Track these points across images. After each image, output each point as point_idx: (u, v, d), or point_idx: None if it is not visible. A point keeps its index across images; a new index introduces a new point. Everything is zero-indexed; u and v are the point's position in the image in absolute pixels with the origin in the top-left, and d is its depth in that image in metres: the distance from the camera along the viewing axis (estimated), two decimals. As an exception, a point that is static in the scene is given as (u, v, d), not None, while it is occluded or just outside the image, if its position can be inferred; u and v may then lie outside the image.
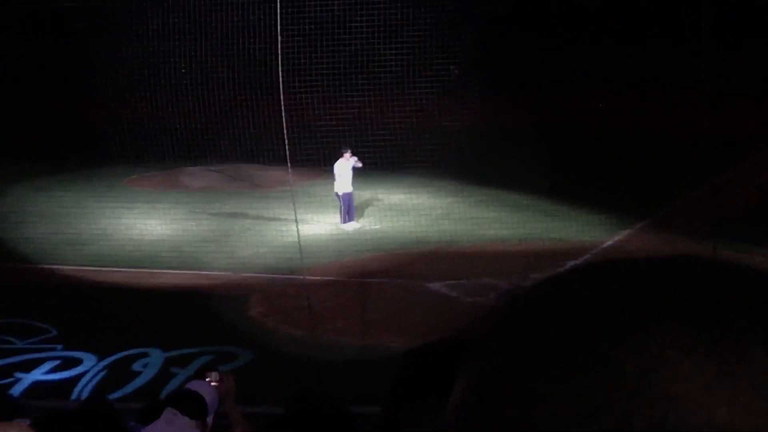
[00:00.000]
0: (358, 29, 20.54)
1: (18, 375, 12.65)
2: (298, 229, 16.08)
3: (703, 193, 18.90)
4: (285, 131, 16.04)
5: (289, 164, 15.99)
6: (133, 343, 13.20)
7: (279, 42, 16.01)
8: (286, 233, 18.00)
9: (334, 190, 19.32)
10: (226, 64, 22.57)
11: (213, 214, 20.63)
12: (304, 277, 15.42)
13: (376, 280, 16.02)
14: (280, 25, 16.10)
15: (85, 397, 11.20)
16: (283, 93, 16.02)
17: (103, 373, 12.67)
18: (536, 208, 19.72)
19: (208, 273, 16.79)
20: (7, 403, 5.88)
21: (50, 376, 12.76)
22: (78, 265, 17.26)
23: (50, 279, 16.51)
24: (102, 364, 12.89)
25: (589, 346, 0.63)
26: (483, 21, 26.71)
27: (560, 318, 0.66)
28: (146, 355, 13.04)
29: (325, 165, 19.53)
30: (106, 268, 17.11)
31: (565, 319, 0.65)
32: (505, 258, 16.68)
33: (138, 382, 12.34)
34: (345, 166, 19.19)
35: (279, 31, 16.10)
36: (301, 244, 15.76)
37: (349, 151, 19.32)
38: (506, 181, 20.96)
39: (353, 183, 19.23)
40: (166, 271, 16.94)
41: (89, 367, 12.82)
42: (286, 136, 16.02)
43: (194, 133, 21.50)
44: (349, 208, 19.28)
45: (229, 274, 16.64)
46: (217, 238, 18.86)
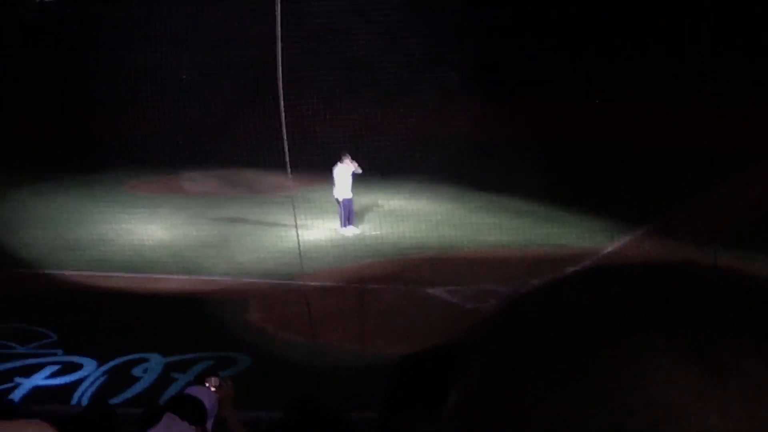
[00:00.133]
0: (359, 35, 20.58)
1: (18, 380, 12.65)
2: (298, 235, 16.08)
3: (704, 200, 18.88)
4: (285, 136, 16.04)
5: (289, 169, 15.98)
6: (133, 348, 13.19)
7: (279, 47, 16.02)
8: (285, 239, 17.98)
9: (334, 196, 19.31)
10: (226, 70, 22.59)
11: (213, 220, 20.60)
12: (303, 283, 15.41)
13: (376, 286, 16.00)
14: (280, 30, 16.11)
15: (87, 402, 11.19)
16: (283, 98, 16.02)
17: (102, 378, 12.67)
18: (536, 214, 19.69)
19: (208, 278, 16.77)
20: (3, 406, 5.88)
21: (50, 381, 12.75)
22: (78, 270, 17.25)
23: (50, 284, 16.48)
24: (102, 369, 12.88)
25: (581, 353, 0.63)
26: (483, 28, 26.76)
27: (553, 324, 0.66)
28: (146, 360, 13.03)
29: (325, 170, 19.52)
30: (106, 273, 17.09)
31: (558, 326, 0.65)
32: (505, 264, 16.66)
33: (138, 388, 12.34)
34: (345, 171, 19.18)
35: (279, 37, 16.11)
36: (300, 250, 15.75)
37: (349, 157, 19.31)
38: (506, 187, 20.93)
39: (353, 188, 19.21)
40: (166, 276, 16.91)
41: (89, 372, 12.81)
42: (286, 141, 16.02)
43: (194, 138, 21.50)
44: (348, 214, 19.26)
45: (229, 279, 16.63)
46: (217, 243, 18.84)
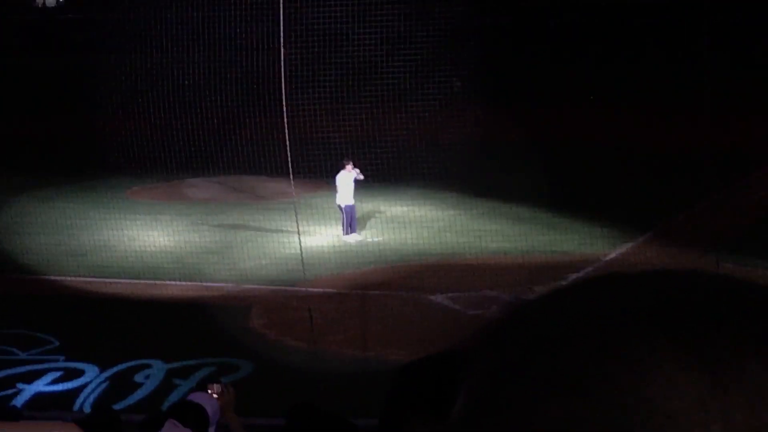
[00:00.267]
0: (361, 42, 20.60)
1: (20, 386, 12.64)
2: (300, 241, 16.08)
3: (706, 207, 18.86)
4: (287, 143, 16.06)
5: (292, 176, 16.00)
6: (135, 355, 13.18)
7: (282, 54, 16.05)
8: (288, 245, 17.98)
9: (336, 202, 19.31)
10: (229, 76, 22.60)
11: (215, 226, 20.61)
12: (305, 289, 15.41)
13: (378, 293, 15.99)
14: (283, 37, 16.14)
15: (91, 408, 11.19)
16: (286, 105, 16.05)
17: (104, 385, 12.66)
18: (538, 221, 19.68)
19: (210, 284, 16.77)
20: (6, 412, 5.88)
21: (52, 387, 12.75)
22: (80, 276, 17.25)
23: (52, 290, 16.48)
24: (104, 376, 12.87)
25: (584, 359, 0.63)
26: (486, 34, 26.79)
27: (555, 330, 0.66)
28: (148, 367, 13.03)
29: (327, 177, 19.52)
30: (109, 280, 17.09)
31: (561, 332, 0.65)
32: (507, 270, 16.63)
33: (140, 394, 12.33)
34: (347, 178, 19.18)
35: (282, 43, 16.15)
36: (303, 256, 15.76)
37: (351, 163, 19.31)
38: (508, 194, 20.92)
39: (355, 195, 19.21)
40: (169, 283, 16.91)
41: (91, 379, 12.80)
42: (289, 147, 16.04)
43: (197, 145, 21.51)
44: (351, 220, 19.25)
45: (231, 285, 16.62)
46: (220, 249, 18.84)
